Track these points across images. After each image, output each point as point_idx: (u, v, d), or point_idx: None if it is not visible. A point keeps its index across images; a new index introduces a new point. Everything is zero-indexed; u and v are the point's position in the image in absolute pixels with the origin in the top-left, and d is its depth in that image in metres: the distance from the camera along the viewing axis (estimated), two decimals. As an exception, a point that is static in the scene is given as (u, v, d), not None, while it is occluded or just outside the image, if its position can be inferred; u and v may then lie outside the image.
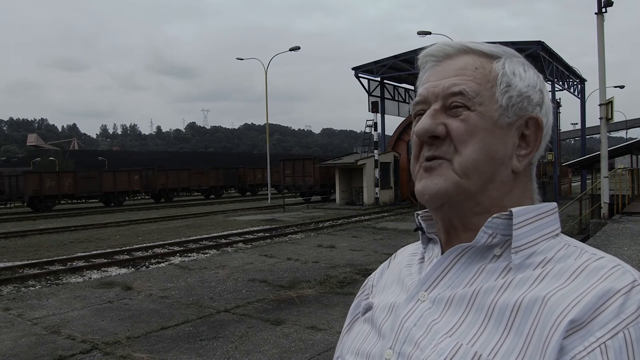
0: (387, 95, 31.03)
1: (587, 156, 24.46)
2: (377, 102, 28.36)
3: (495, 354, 0.59)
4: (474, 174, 0.68)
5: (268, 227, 17.03)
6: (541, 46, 24.22)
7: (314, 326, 6.03)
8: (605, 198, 14.06)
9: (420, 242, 0.81)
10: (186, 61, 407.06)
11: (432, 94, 0.72)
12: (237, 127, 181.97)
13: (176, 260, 11.15)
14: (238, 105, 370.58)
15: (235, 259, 10.94)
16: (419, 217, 0.80)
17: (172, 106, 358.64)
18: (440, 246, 0.75)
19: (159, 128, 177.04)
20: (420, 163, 0.72)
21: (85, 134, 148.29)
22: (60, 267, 10.33)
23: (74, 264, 10.76)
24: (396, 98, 32.25)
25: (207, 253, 12.01)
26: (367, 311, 0.81)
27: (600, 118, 14.01)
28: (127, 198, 34.12)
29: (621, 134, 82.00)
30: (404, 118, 29.26)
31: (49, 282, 9.22)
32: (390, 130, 30.73)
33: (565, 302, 0.58)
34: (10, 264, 10.61)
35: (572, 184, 38.32)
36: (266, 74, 31.46)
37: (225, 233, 15.60)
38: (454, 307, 0.66)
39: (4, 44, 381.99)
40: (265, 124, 34.76)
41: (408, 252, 0.85)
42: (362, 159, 25.93)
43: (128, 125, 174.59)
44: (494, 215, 0.67)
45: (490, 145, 0.68)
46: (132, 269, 10.34)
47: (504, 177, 0.70)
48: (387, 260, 0.90)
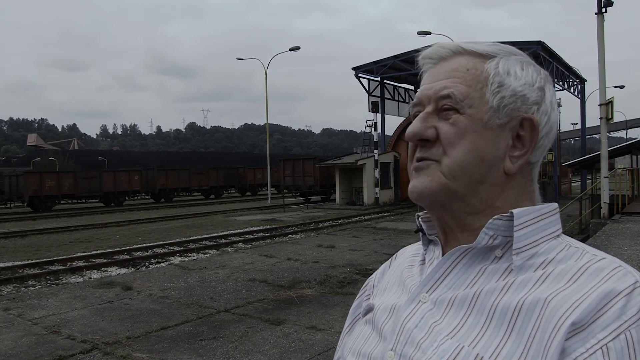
0: (387, 95, 31.05)
1: (587, 156, 24.47)
2: (377, 102, 28.37)
3: (497, 356, 0.59)
4: (462, 176, 0.68)
5: (268, 227, 17.03)
6: (541, 46, 24.23)
7: (314, 326, 6.03)
8: (605, 198, 14.07)
9: (421, 244, 0.81)
10: (186, 61, 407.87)
11: (426, 96, 0.72)
12: (237, 127, 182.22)
13: (176, 260, 11.15)
14: (238, 105, 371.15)
15: (235, 259, 10.94)
16: (420, 219, 0.80)
17: (172, 106, 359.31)
18: (440, 247, 0.75)
19: (159, 128, 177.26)
20: (412, 164, 0.73)
21: (85, 134, 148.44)
22: (60, 267, 10.33)
23: (74, 264, 10.76)
24: (396, 98, 32.27)
25: (207, 253, 12.01)
26: (368, 312, 0.81)
27: (600, 118, 14.01)
28: (127, 198, 34.14)
29: (621, 134, 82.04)
30: (404, 118, 29.25)
31: (49, 282, 9.22)
32: (390, 130, 30.81)
33: (566, 304, 0.58)
34: (10, 264, 10.61)
35: (572, 184, 38.34)
36: (266, 74, 31.51)
37: (225, 233, 15.60)
38: (456, 308, 0.66)
39: (4, 44, 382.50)
40: (265, 124, 34.78)
41: (409, 253, 0.85)
42: (362, 159, 25.93)
43: (128, 125, 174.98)
44: (495, 216, 0.67)
45: (479, 147, 0.68)
46: (132, 269, 10.34)
47: (495, 179, 0.69)
48: (388, 261, 0.90)
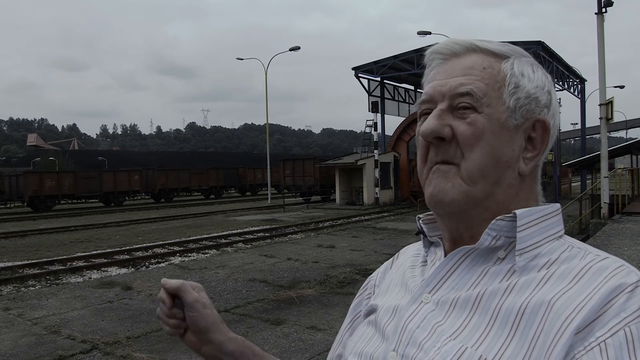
0: (387, 95, 31.05)
1: (587, 156, 24.48)
2: (377, 102, 28.38)
3: (500, 357, 0.59)
4: (480, 179, 0.67)
5: (268, 227, 17.03)
6: (541, 46, 24.24)
7: (314, 326, 6.02)
8: (605, 198, 14.07)
9: (422, 245, 0.80)
10: (186, 61, 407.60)
11: (439, 93, 0.70)
12: (237, 127, 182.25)
13: (176, 260, 11.15)
14: (238, 105, 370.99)
15: (235, 259, 10.94)
16: (420, 221, 0.79)
17: (172, 106, 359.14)
18: (442, 249, 0.75)
19: (159, 128, 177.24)
20: (428, 167, 0.71)
21: (85, 134, 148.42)
22: (60, 267, 10.33)
23: (74, 264, 10.76)
24: (396, 98, 32.27)
25: (207, 253, 12.01)
26: (370, 313, 0.80)
27: (600, 118, 14.02)
28: (127, 198, 34.15)
29: (621, 134, 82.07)
30: (404, 118, 29.28)
31: (49, 282, 9.22)
32: (390, 130, 30.78)
33: (570, 306, 0.58)
34: (10, 264, 10.61)
35: (572, 184, 38.34)
36: (266, 74, 31.51)
37: (225, 233, 15.61)
38: (458, 309, 0.66)
39: (4, 44, 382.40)
40: (265, 124, 34.78)
41: (411, 253, 0.84)
42: (362, 159, 25.93)
43: (128, 125, 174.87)
44: (498, 217, 0.66)
45: (496, 148, 0.67)
46: (132, 269, 10.34)
47: (511, 180, 0.69)
48: (390, 260, 0.90)
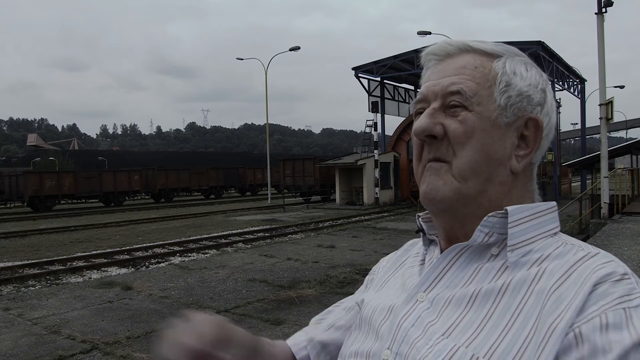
0: (387, 95, 31.05)
1: (587, 156, 24.48)
2: (377, 102, 28.37)
3: (491, 355, 0.59)
4: (472, 176, 0.68)
5: (268, 227, 17.03)
6: (541, 46, 24.24)
7: (314, 326, 6.02)
8: (605, 198, 14.07)
9: (422, 244, 0.81)
10: (186, 61, 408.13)
11: (432, 92, 0.72)
12: (237, 127, 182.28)
13: (176, 260, 11.15)
14: (238, 105, 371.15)
15: (235, 259, 10.94)
16: (420, 219, 0.80)
17: (172, 106, 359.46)
18: (439, 248, 0.75)
19: (159, 128, 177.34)
20: (423, 164, 0.72)
21: (85, 134, 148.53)
22: (60, 267, 10.33)
23: (74, 264, 10.76)
24: (396, 98, 32.27)
25: (207, 253, 12.01)
26: (360, 307, 0.82)
27: (600, 118, 14.02)
28: (127, 198, 34.14)
29: (621, 134, 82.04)
30: (404, 118, 29.27)
31: (49, 282, 9.21)
32: (390, 130, 30.78)
33: (562, 304, 0.58)
34: (10, 264, 10.60)
35: (572, 184, 38.34)
36: (266, 74, 31.50)
37: (225, 233, 15.60)
38: (452, 307, 0.66)
39: (4, 44, 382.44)
40: (265, 124, 34.77)
41: (413, 252, 0.85)
42: (362, 159, 25.93)
43: (128, 125, 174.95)
44: (490, 214, 0.67)
45: (487, 145, 0.68)
46: (132, 269, 10.34)
47: (503, 178, 0.69)
48: (393, 253, 0.92)
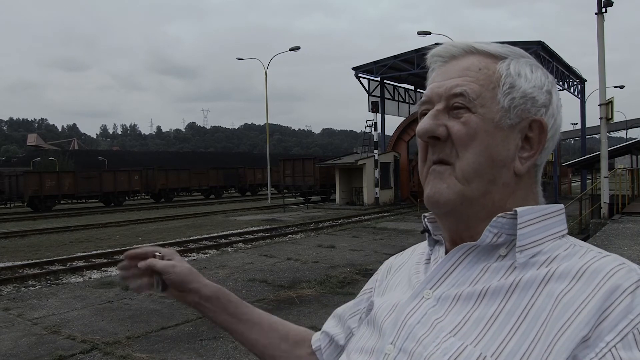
0: (387, 95, 31.03)
1: (587, 156, 24.48)
2: (377, 102, 28.35)
3: (499, 354, 0.59)
4: (475, 178, 0.68)
5: (268, 227, 17.02)
6: (541, 46, 24.23)
7: (314, 326, 5.97)
8: (605, 198, 14.07)
9: (427, 244, 0.81)
10: (186, 61, 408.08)
11: (436, 94, 0.72)
12: (237, 127, 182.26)
13: (176, 260, 11.14)
14: (238, 105, 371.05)
15: (235, 259, 10.94)
16: (426, 219, 0.80)
17: (172, 106, 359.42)
18: (445, 248, 0.75)
19: (159, 128, 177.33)
20: (427, 166, 0.72)
21: (85, 134, 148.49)
22: (60, 267, 10.33)
23: (74, 264, 10.76)
24: (396, 98, 32.25)
25: (207, 253, 12.01)
26: (369, 310, 0.82)
27: (600, 118, 14.02)
28: (127, 198, 34.12)
29: (621, 134, 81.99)
30: (404, 118, 29.27)
31: (49, 282, 9.21)
32: (390, 130, 30.78)
33: (572, 307, 0.58)
34: (10, 264, 10.60)
35: (572, 184, 38.34)
36: (266, 74, 31.50)
37: (225, 233, 15.60)
38: (459, 305, 0.66)
39: (4, 44, 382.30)
40: (265, 124, 34.77)
41: (418, 252, 0.85)
42: (362, 159, 25.92)
43: (128, 125, 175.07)
44: (499, 214, 0.67)
45: (490, 147, 0.68)
46: (132, 269, 10.33)
47: (506, 179, 0.69)
48: (399, 254, 0.91)
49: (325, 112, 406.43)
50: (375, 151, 25.78)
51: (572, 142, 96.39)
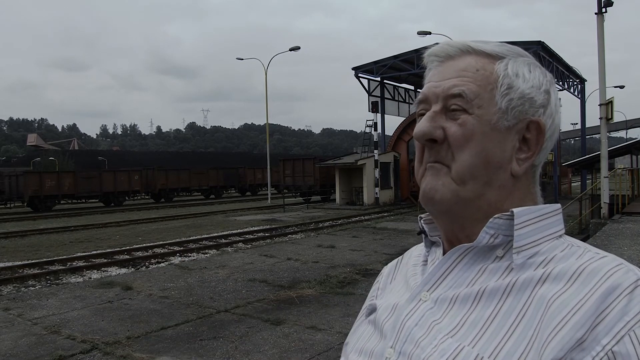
0: (387, 95, 31.04)
1: (587, 156, 24.47)
2: (377, 102, 28.36)
3: (496, 355, 0.59)
4: (470, 180, 0.68)
5: (268, 227, 17.03)
6: (541, 46, 24.24)
7: (314, 326, 6.03)
8: (605, 198, 14.07)
9: (424, 245, 0.81)
10: (186, 61, 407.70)
11: (434, 94, 0.71)
12: (237, 127, 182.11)
13: (176, 260, 11.15)
14: (238, 105, 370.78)
15: (235, 259, 10.94)
16: (422, 221, 0.80)
17: (172, 106, 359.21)
18: (442, 249, 0.75)
19: (159, 128, 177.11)
20: (424, 167, 0.72)
21: (85, 134, 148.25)
22: (60, 267, 10.33)
23: (74, 264, 10.76)
24: (396, 98, 32.26)
25: (207, 253, 12.01)
26: (371, 313, 0.81)
27: (600, 118, 14.02)
28: (127, 198, 34.13)
29: (621, 134, 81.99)
30: (404, 118, 29.28)
31: (49, 282, 9.22)
32: (390, 130, 30.79)
33: (567, 307, 0.58)
34: (10, 264, 10.61)
35: (572, 184, 38.33)
36: (266, 74, 31.50)
37: (225, 233, 15.60)
38: (456, 307, 0.66)
39: (4, 44, 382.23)
40: (265, 124, 34.78)
41: (415, 254, 0.85)
42: (362, 159, 25.93)
43: (128, 125, 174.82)
44: (496, 215, 0.67)
45: (487, 149, 0.68)
46: (132, 269, 10.34)
47: (503, 181, 0.69)
48: (395, 261, 0.91)
49: (325, 112, 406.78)
50: (375, 151, 25.78)
51: (572, 142, 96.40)
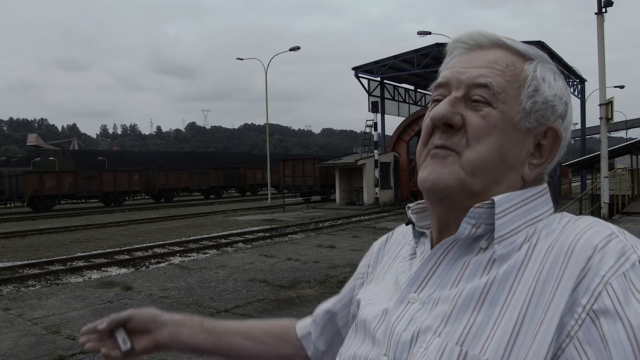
0: (387, 95, 31.06)
1: (587, 156, 24.48)
2: (377, 102, 28.37)
3: (487, 349, 0.58)
4: (481, 173, 0.66)
5: (268, 227, 17.02)
6: (541, 46, 24.22)
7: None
8: (605, 198, 14.09)
9: (412, 235, 0.79)
10: (186, 61, 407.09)
11: (457, 79, 0.69)
12: (237, 127, 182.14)
13: (176, 260, 11.15)
14: (238, 105, 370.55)
15: (235, 259, 10.95)
16: (410, 210, 0.78)
17: (172, 106, 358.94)
18: (430, 241, 0.74)
19: (159, 128, 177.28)
20: (428, 149, 0.70)
21: (85, 134, 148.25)
22: (60, 267, 10.33)
23: (74, 264, 10.76)
24: (396, 98, 32.29)
25: (207, 253, 12.01)
26: (357, 307, 0.81)
27: (600, 118, 14.05)
28: (127, 198, 34.14)
29: (621, 134, 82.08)
30: (404, 118, 29.29)
31: (49, 282, 9.21)
32: (390, 130, 30.79)
33: (550, 282, 0.58)
34: (10, 264, 10.60)
35: (572, 184, 38.34)
36: (266, 74, 31.51)
37: (225, 233, 15.60)
38: (443, 306, 0.65)
39: (4, 44, 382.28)
40: (265, 124, 34.79)
41: (402, 235, 0.85)
42: (362, 159, 25.94)
43: (128, 125, 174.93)
44: (476, 205, 0.65)
45: (504, 147, 0.66)
46: (132, 269, 10.34)
47: (513, 182, 0.67)
48: (385, 238, 0.92)
49: (325, 112, 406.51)
50: (375, 151, 25.79)
51: (572, 142, 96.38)
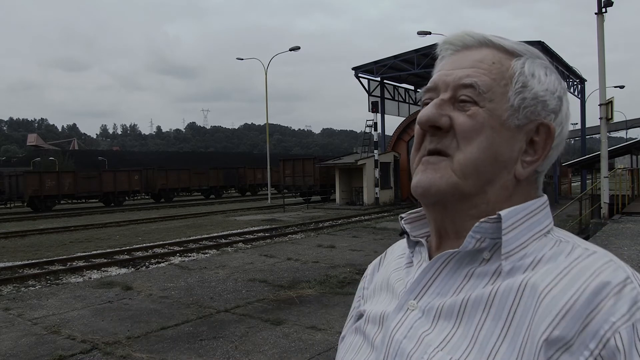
0: (387, 95, 31.04)
1: (587, 156, 24.47)
2: (377, 102, 28.36)
3: None
4: (473, 174, 0.65)
5: (268, 227, 17.03)
6: (541, 46, 24.22)
7: (314, 326, 6.02)
8: (605, 198, 14.07)
9: (407, 246, 0.77)
10: (186, 61, 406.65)
11: (444, 82, 0.69)
12: (237, 127, 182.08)
13: (176, 260, 11.15)
14: (238, 105, 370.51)
15: (235, 259, 10.94)
16: (403, 221, 0.77)
17: (172, 106, 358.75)
18: (427, 249, 0.73)
19: (159, 128, 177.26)
20: (420, 155, 0.69)
21: (85, 134, 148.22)
22: (60, 267, 10.33)
23: (74, 264, 10.76)
24: (396, 98, 32.26)
25: (207, 253, 12.01)
26: (358, 319, 0.79)
27: (600, 118, 14.03)
28: (127, 198, 34.15)
29: (621, 134, 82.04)
30: (404, 118, 29.28)
31: (49, 282, 9.21)
32: (390, 130, 30.80)
33: (554, 310, 0.56)
34: (10, 264, 10.61)
35: (572, 184, 38.33)
36: (266, 74, 31.51)
37: (225, 233, 15.60)
38: (445, 316, 0.64)
39: (4, 44, 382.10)
40: (265, 124, 34.79)
41: (397, 254, 0.82)
42: (362, 159, 25.94)
43: (128, 125, 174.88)
44: (482, 219, 0.64)
45: (495, 145, 0.65)
46: (132, 269, 10.34)
47: (505, 182, 0.67)
48: (378, 259, 0.88)
49: (325, 112, 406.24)
50: (375, 151, 25.79)
51: (572, 142, 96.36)
